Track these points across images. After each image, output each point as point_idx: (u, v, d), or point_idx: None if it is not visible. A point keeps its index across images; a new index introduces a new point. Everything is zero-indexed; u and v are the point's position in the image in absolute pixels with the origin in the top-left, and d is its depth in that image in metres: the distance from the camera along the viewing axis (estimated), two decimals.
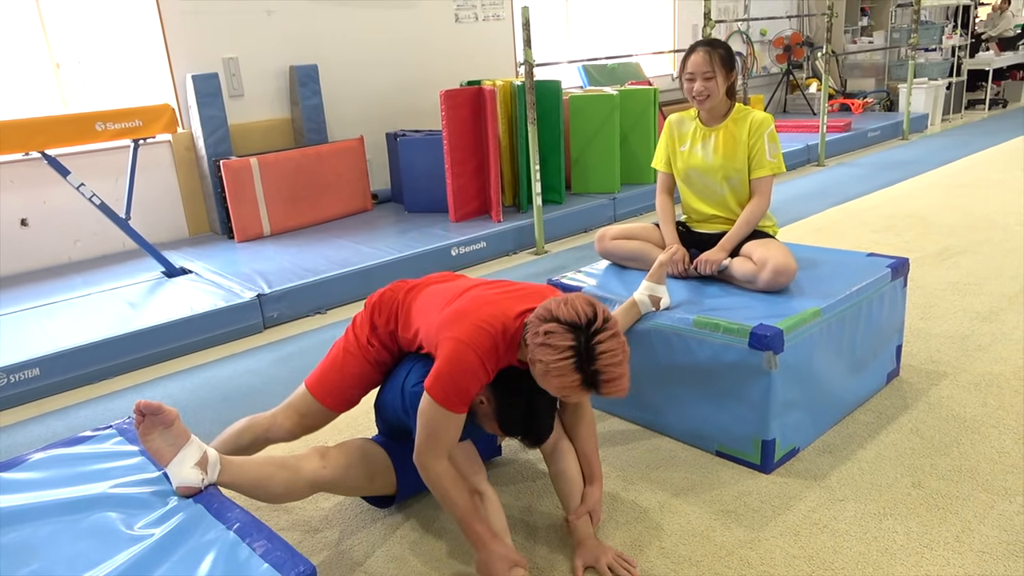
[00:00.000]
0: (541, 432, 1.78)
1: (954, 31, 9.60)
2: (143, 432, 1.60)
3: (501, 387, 1.77)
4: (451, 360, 1.68)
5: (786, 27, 9.34)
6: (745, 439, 2.21)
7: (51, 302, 3.83)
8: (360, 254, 4.29)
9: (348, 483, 1.89)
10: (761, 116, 2.58)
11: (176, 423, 1.63)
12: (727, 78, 2.55)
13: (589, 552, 1.85)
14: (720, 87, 2.54)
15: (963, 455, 2.20)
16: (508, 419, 1.76)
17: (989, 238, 4.24)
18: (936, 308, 3.30)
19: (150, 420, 1.60)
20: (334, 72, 5.62)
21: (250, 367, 3.27)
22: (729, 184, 2.62)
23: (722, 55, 2.53)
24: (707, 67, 2.51)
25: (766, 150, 2.55)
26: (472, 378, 1.69)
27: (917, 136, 8.26)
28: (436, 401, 1.68)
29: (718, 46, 2.55)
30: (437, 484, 1.73)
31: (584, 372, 1.60)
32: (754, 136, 2.56)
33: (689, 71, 2.55)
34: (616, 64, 7.39)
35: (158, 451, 1.60)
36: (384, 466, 1.98)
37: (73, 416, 2.93)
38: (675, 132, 2.73)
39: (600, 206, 5.33)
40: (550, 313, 1.63)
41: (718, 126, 2.61)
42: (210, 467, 1.62)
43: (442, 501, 1.75)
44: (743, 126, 2.58)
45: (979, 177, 5.88)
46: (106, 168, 4.74)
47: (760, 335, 2.09)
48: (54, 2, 4.66)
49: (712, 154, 2.61)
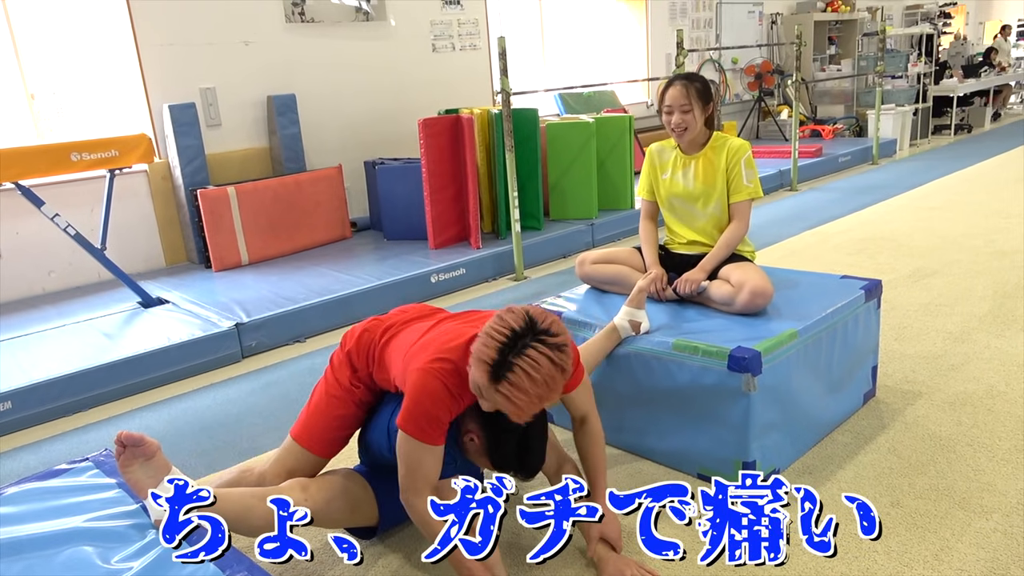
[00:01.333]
0: (534, 464, 1.78)
1: (919, 59, 9.87)
2: (123, 463, 1.59)
3: (491, 422, 1.76)
4: (417, 390, 1.69)
5: (757, 55, 9.55)
6: (726, 461, 2.22)
7: (24, 334, 3.77)
8: (339, 282, 4.28)
9: (330, 516, 1.87)
10: (738, 143, 2.64)
11: (157, 455, 1.61)
12: (704, 110, 2.60)
13: (613, 566, 1.86)
14: (698, 120, 2.59)
15: (940, 474, 2.23)
16: (500, 454, 1.75)
17: (958, 259, 4.34)
18: (909, 329, 3.35)
19: (131, 451, 1.58)
20: (312, 101, 5.65)
21: (229, 397, 3.24)
22: (709, 210, 2.67)
23: (699, 88, 2.59)
24: (684, 100, 2.57)
25: (743, 176, 2.60)
26: (440, 405, 1.68)
27: (886, 161, 8.45)
28: (411, 435, 1.68)
29: (695, 79, 2.61)
30: (425, 521, 1.69)
31: (500, 356, 1.56)
32: (731, 162, 2.61)
33: (667, 104, 2.61)
34: (591, 92, 7.50)
35: (137, 483, 1.58)
36: (366, 497, 1.96)
37: (47, 450, 2.88)
38: (656, 161, 2.77)
39: (578, 231, 5.38)
40: (488, 328, 1.62)
41: (697, 154, 2.67)
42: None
43: (432, 539, 1.72)
44: (721, 153, 2.63)
45: (947, 200, 6.01)
46: (82, 198, 4.70)
47: (738, 357, 2.12)
48: (29, 33, 4.65)
49: (692, 182, 2.66)
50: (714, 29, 9.12)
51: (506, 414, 1.64)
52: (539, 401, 1.59)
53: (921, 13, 12.40)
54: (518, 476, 1.79)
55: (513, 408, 1.59)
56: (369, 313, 3.97)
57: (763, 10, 9.74)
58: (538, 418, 1.77)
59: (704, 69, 8.94)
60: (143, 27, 4.82)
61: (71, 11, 4.77)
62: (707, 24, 9.02)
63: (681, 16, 8.69)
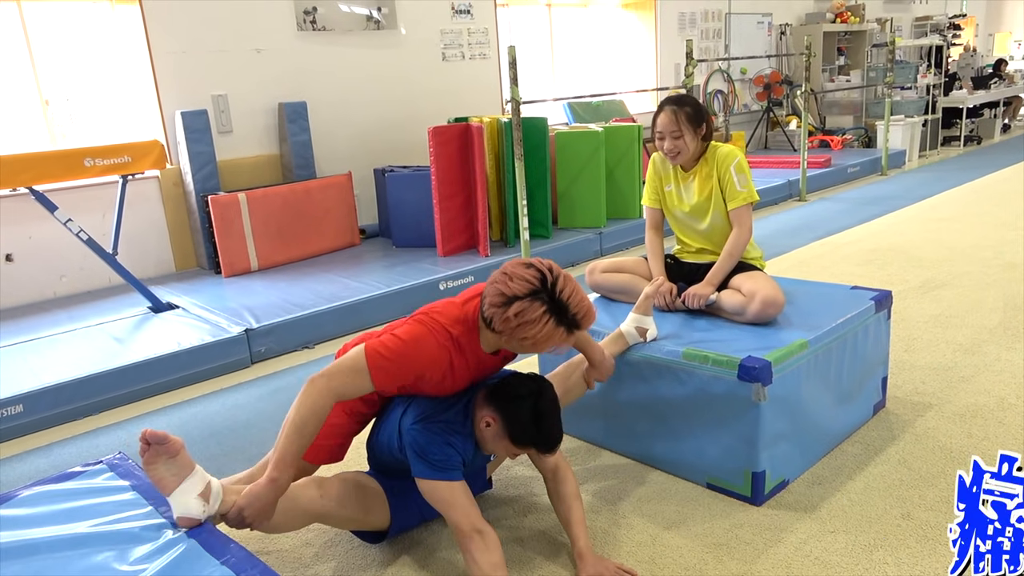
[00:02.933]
0: (552, 433, 1.81)
1: (928, 70, 9.87)
2: (147, 461, 1.58)
3: (501, 399, 1.80)
4: (407, 334, 1.75)
5: (766, 66, 9.56)
6: (735, 471, 2.22)
7: (36, 338, 3.80)
8: (348, 288, 4.30)
9: (344, 514, 1.89)
10: (726, 151, 2.62)
11: (181, 453, 1.60)
12: (696, 134, 2.58)
13: (591, 566, 1.89)
14: (689, 144, 2.57)
15: (950, 486, 2.21)
16: (518, 428, 1.78)
17: (968, 271, 4.32)
18: (919, 340, 3.35)
19: (155, 449, 1.57)
20: (323, 109, 5.68)
21: (237, 402, 3.25)
22: (712, 220, 2.66)
23: (688, 113, 2.56)
24: (674, 126, 2.55)
25: (735, 182, 2.58)
26: (417, 354, 1.72)
27: (896, 172, 8.43)
28: (366, 354, 1.70)
29: (685, 103, 2.58)
30: (306, 406, 1.66)
31: (565, 322, 1.71)
32: (721, 171, 2.60)
33: (658, 130, 2.60)
34: (600, 102, 7.52)
35: (161, 480, 1.58)
36: (379, 500, 1.97)
37: (57, 453, 2.89)
38: (660, 171, 2.77)
39: (586, 240, 5.38)
40: (504, 296, 1.70)
41: (694, 169, 2.67)
42: (212, 498, 1.61)
43: (289, 422, 1.66)
44: (714, 164, 2.62)
45: (957, 212, 6.00)
46: (94, 203, 4.74)
47: (749, 367, 2.12)
48: (44, 40, 4.69)
49: (692, 196, 2.67)
50: (723, 39, 9.13)
51: (520, 352, 1.76)
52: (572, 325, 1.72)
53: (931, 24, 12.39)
54: (540, 448, 1.82)
55: (540, 330, 1.68)
56: (378, 320, 4.01)
57: (772, 21, 9.76)
58: (546, 388, 1.84)
59: (713, 79, 8.95)
60: (156, 34, 4.86)
61: (86, 18, 4.81)
62: (716, 34, 9.03)
63: (690, 26, 8.71)
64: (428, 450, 1.77)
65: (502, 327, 1.71)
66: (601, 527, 2.13)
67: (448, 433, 1.81)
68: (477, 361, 1.87)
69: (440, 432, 1.80)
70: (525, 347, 1.75)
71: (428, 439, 1.78)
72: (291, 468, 1.65)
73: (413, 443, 1.79)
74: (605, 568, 1.89)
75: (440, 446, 1.78)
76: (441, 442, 1.78)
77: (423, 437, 1.78)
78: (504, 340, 1.76)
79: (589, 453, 2.57)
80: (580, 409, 2.62)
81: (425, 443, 1.77)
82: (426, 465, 1.77)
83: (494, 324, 1.73)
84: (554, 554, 2.03)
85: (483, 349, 1.85)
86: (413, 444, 1.79)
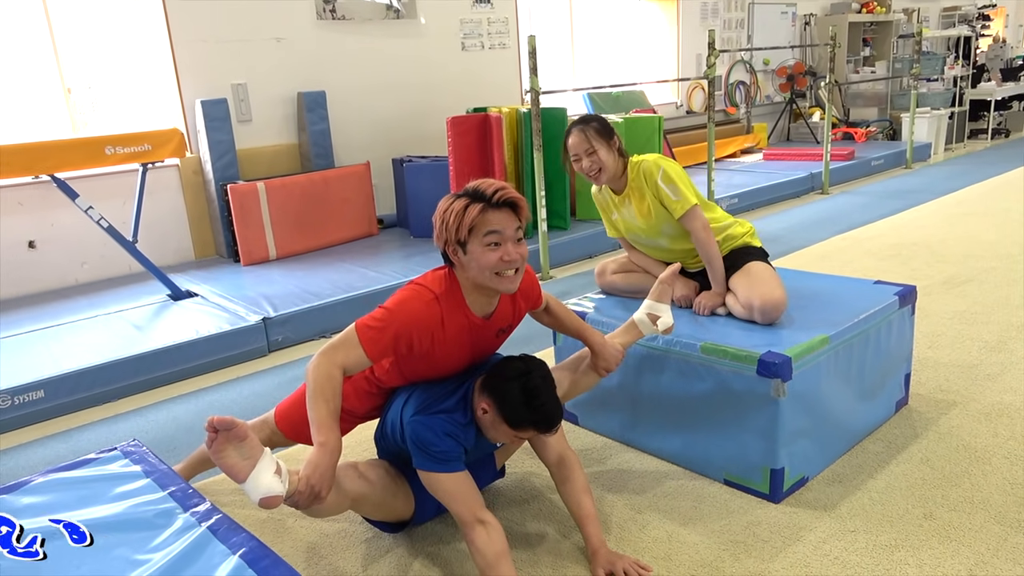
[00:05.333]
0: (548, 410, 1.79)
1: (956, 62, 9.69)
2: (216, 449, 1.52)
3: (492, 384, 1.81)
4: (391, 301, 1.80)
5: (789, 56, 9.43)
6: (754, 468, 2.19)
7: (57, 324, 3.83)
8: (365, 278, 4.30)
9: (377, 497, 1.90)
10: (647, 166, 2.50)
11: (250, 436, 1.56)
12: (609, 147, 2.49)
13: (605, 559, 1.88)
14: (604, 159, 2.48)
15: (975, 486, 2.17)
16: (510, 410, 1.77)
17: (994, 267, 4.24)
18: (944, 337, 3.29)
19: (223, 436, 1.52)
20: (341, 98, 5.67)
21: (255, 390, 3.26)
22: (670, 233, 2.56)
23: (596, 128, 2.49)
24: (585, 143, 2.47)
25: (667, 193, 2.47)
26: (403, 316, 1.76)
27: (920, 165, 8.30)
28: (356, 327, 1.75)
29: (590, 121, 2.52)
30: (317, 378, 1.69)
31: (483, 200, 1.76)
32: (651, 187, 2.50)
33: (572, 153, 2.51)
34: (620, 92, 7.46)
35: (234, 467, 1.52)
36: (404, 487, 1.99)
37: (77, 438, 2.92)
38: (602, 204, 2.69)
39: (604, 232, 5.33)
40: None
41: (624, 192, 2.58)
42: (283, 475, 1.58)
43: (309, 396, 1.70)
44: (641, 181, 2.52)
45: (983, 206, 5.89)
46: (114, 191, 4.77)
47: (768, 362, 2.08)
48: (66, 28, 4.72)
49: (636, 218, 2.58)
50: (746, 30, 9.01)
51: (488, 281, 1.79)
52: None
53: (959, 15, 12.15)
54: (539, 428, 1.81)
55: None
56: None
57: (796, 11, 9.61)
58: (535, 366, 1.83)
59: (735, 70, 8.85)
60: (177, 23, 4.87)
61: (108, 7, 4.84)
62: (739, 24, 8.92)
63: (712, 16, 8.60)
64: (429, 442, 1.78)
65: (441, 236, 1.81)
66: (617, 522, 2.12)
67: (448, 423, 1.81)
68: (470, 325, 1.87)
69: (440, 423, 1.80)
70: (477, 257, 1.77)
71: (428, 431, 1.79)
72: (332, 431, 1.66)
73: (413, 435, 1.79)
74: (619, 563, 1.88)
75: (440, 437, 1.78)
76: (441, 433, 1.79)
77: (423, 429, 1.79)
78: (465, 262, 1.80)
79: (606, 448, 2.55)
80: (597, 404, 2.61)
81: (425, 435, 1.78)
82: (427, 457, 1.78)
83: (443, 244, 1.82)
84: (566, 549, 2.01)
85: (473, 311, 1.86)
86: (413, 436, 1.79)
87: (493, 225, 1.76)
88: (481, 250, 1.77)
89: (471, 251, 1.78)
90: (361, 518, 2.18)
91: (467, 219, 1.75)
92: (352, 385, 2.03)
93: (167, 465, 1.83)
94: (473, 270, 1.80)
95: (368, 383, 2.03)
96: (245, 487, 1.53)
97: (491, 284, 1.81)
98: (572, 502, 1.98)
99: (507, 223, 1.78)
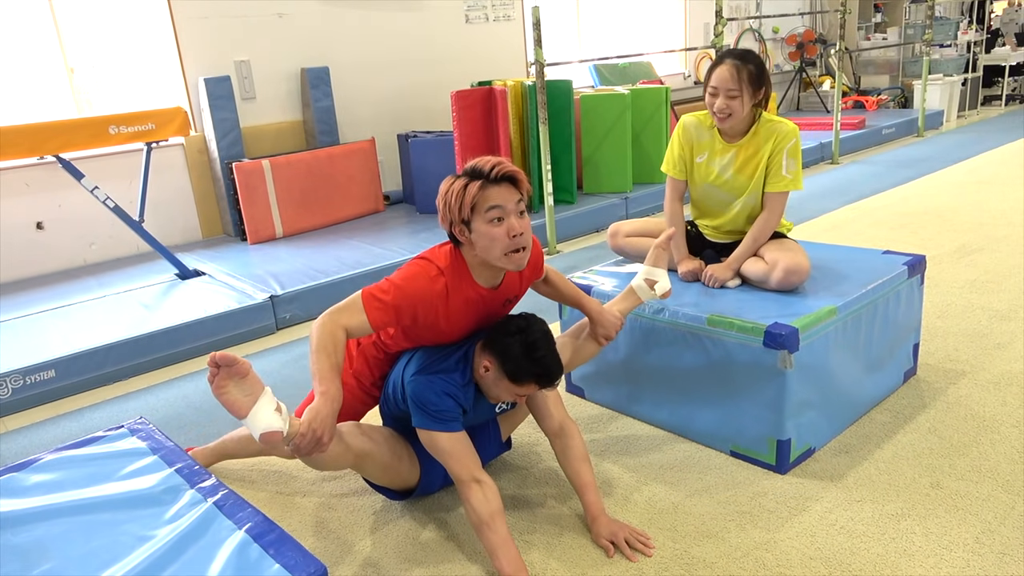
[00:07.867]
0: (548, 363, 1.81)
1: (969, 26, 9.51)
2: (218, 385, 1.55)
3: (493, 341, 1.84)
4: (397, 275, 1.82)
5: (799, 24, 9.28)
6: (760, 439, 2.19)
7: (66, 304, 3.86)
8: (372, 255, 4.30)
9: (381, 457, 1.92)
10: (786, 129, 2.38)
11: (251, 373, 1.58)
12: (754, 96, 2.33)
13: (605, 528, 1.90)
14: (745, 105, 2.33)
15: (982, 455, 2.16)
16: (512, 363, 1.80)
17: (1006, 235, 4.19)
18: (953, 306, 3.26)
19: (225, 372, 1.54)
20: (345, 74, 5.63)
21: (263, 368, 3.28)
22: (746, 201, 2.48)
23: (752, 72, 2.32)
24: (733, 84, 2.31)
25: (784, 165, 2.38)
26: (409, 288, 1.78)
27: (932, 133, 8.19)
28: (362, 294, 1.79)
29: (749, 60, 2.33)
30: (321, 335, 1.73)
31: (482, 177, 1.77)
32: (775, 149, 2.39)
33: (713, 85, 2.34)
34: (627, 63, 7.37)
35: (234, 403, 1.55)
36: (409, 452, 2.01)
37: (88, 417, 2.95)
38: (692, 139, 2.52)
39: (612, 206, 5.31)
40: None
41: (740, 142, 2.43)
42: (284, 414, 1.59)
43: (313, 351, 1.73)
44: (767, 141, 2.39)
45: (996, 174, 5.81)
46: (120, 171, 4.77)
47: (775, 334, 2.07)
48: (68, 8, 4.69)
49: (732, 173, 2.46)
50: None
51: (491, 256, 1.79)
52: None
53: None
54: (541, 382, 1.83)
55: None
56: None
57: None
58: (534, 322, 1.86)
59: (744, 39, 8.72)
60: (179, 0, 4.83)
61: None
62: None
63: None
64: (428, 401, 1.80)
65: (446, 217, 1.81)
66: (622, 494, 2.12)
67: (447, 382, 1.83)
68: (478, 296, 1.88)
69: (439, 382, 1.83)
70: (484, 234, 1.77)
71: (428, 390, 1.81)
72: (333, 382, 1.68)
73: (413, 394, 1.82)
74: (619, 531, 1.90)
75: (440, 396, 1.80)
76: (440, 392, 1.81)
77: (423, 388, 1.81)
78: (474, 240, 1.80)
79: (611, 420, 2.55)
80: (603, 376, 2.60)
81: (425, 394, 1.81)
82: (426, 416, 1.80)
83: (449, 226, 1.82)
84: (566, 516, 2.02)
85: (479, 283, 1.87)
86: (413, 395, 1.82)
87: (494, 200, 1.76)
88: (486, 227, 1.77)
89: (476, 228, 1.78)
90: (368, 488, 2.20)
91: (468, 197, 1.76)
92: (361, 352, 2.07)
93: (173, 442, 1.84)
94: (482, 248, 1.80)
95: (376, 349, 2.06)
96: (246, 422, 1.56)
97: (501, 264, 1.82)
98: (571, 471, 1.99)
99: (508, 197, 1.78)
